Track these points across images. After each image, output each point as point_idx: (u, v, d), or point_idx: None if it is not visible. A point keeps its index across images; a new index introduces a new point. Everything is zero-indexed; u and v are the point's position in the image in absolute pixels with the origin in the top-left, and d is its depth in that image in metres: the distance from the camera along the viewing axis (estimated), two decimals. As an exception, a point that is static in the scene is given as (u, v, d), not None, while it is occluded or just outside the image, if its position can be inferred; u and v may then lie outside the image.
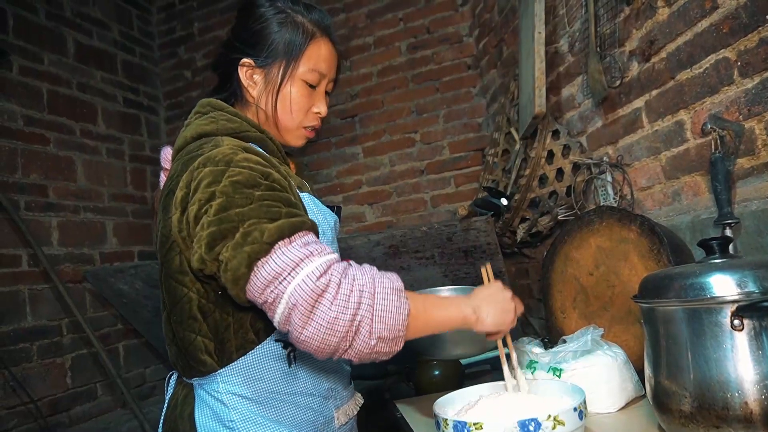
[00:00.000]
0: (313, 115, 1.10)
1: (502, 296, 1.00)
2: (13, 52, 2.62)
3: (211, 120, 0.99)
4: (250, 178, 0.88)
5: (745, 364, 0.79)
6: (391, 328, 0.83)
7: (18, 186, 2.56)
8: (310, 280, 0.81)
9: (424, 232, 1.94)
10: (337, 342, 0.81)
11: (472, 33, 2.95)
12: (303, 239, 0.86)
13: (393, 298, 0.84)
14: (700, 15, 1.23)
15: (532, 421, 0.83)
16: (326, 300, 0.80)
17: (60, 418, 2.52)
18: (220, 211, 0.85)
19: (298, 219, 0.87)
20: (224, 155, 0.90)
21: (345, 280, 0.83)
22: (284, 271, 0.82)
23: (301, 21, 1.05)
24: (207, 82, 3.53)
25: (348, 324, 0.80)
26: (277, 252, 0.83)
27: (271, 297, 0.83)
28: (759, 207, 1.12)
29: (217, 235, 0.84)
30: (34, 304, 2.53)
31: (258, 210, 0.85)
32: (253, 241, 0.83)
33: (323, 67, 1.07)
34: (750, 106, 1.13)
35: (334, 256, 0.86)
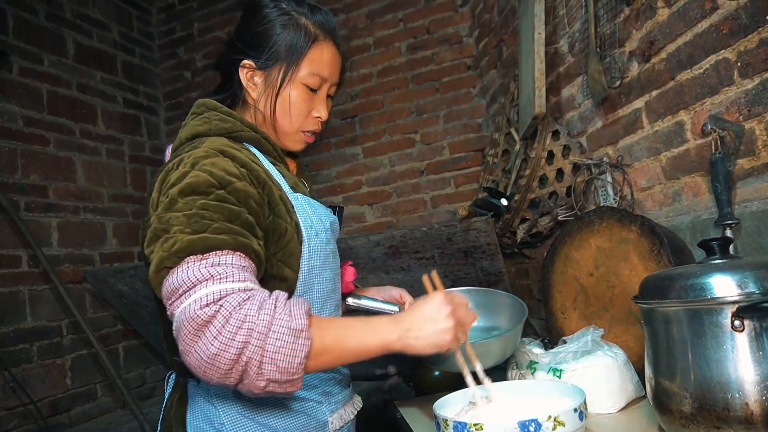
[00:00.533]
0: (313, 120, 1.07)
1: (437, 313, 0.87)
2: (13, 53, 2.62)
3: (205, 120, 0.99)
4: (202, 183, 0.85)
5: (745, 364, 0.79)
6: (283, 371, 0.76)
7: (18, 186, 2.56)
8: (195, 306, 0.76)
9: (424, 233, 1.94)
10: (220, 376, 0.75)
11: (472, 33, 2.95)
12: (216, 259, 0.81)
13: (288, 340, 0.76)
14: (700, 16, 1.23)
15: (532, 422, 0.83)
16: (209, 333, 0.74)
17: (60, 419, 2.52)
18: (162, 211, 0.85)
19: (221, 237, 0.82)
20: (195, 158, 0.89)
21: (235, 315, 0.75)
22: (181, 288, 0.78)
23: (304, 23, 1.03)
24: (207, 82, 3.53)
25: (231, 362, 0.74)
26: (183, 266, 0.80)
27: (169, 311, 0.81)
28: (759, 207, 1.12)
29: (152, 235, 0.84)
30: (34, 305, 2.53)
31: (188, 219, 0.82)
32: (166, 248, 0.81)
33: (325, 71, 1.05)
34: (750, 107, 1.13)
35: (236, 285, 0.79)
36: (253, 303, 0.77)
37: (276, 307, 0.79)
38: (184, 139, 0.99)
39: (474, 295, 1.41)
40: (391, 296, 1.28)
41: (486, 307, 1.39)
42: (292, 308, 0.80)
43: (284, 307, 0.79)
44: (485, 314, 1.38)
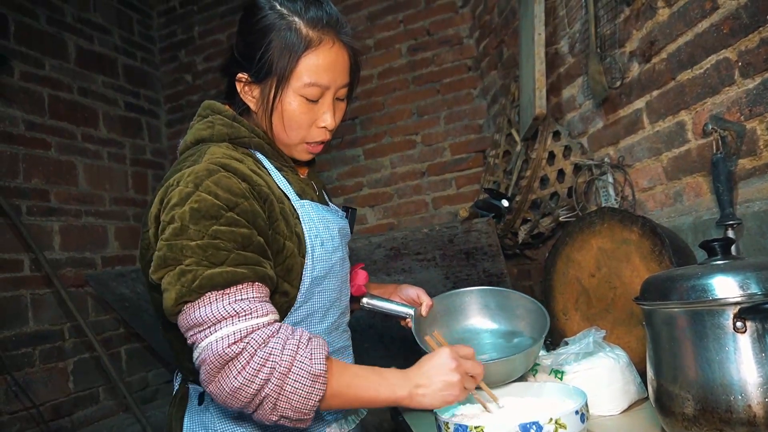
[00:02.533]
0: (318, 130, 0.99)
1: (445, 369, 0.89)
2: (14, 57, 2.63)
3: (209, 125, 0.97)
4: (211, 208, 0.83)
5: (748, 366, 0.78)
6: (296, 410, 0.80)
7: (20, 191, 2.56)
8: (223, 343, 0.79)
9: (425, 234, 1.94)
10: (239, 407, 0.80)
11: (473, 35, 2.95)
12: (237, 295, 0.82)
13: (306, 383, 0.80)
14: (701, 15, 1.22)
15: (533, 425, 0.82)
16: (234, 368, 0.78)
17: (62, 423, 2.52)
18: (172, 236, 0.83)
19: (240, 270, 0.82)
20: (196, 176, 0.86)
21: (260, 353, 0.79)
22: (205, 323, 0.81)
23: (296, 27, 0.93)
24: (208, 85, 3.54)
25: (250, 397, 0.79)
26: (205, 301, 0.81)
27: (191, 340, 0.83)
28: (761, 208, 1.12)
29: (161, 261, 0.84)
30: (36, 309, 2.54)
31: (204, 250, 0.82)
32: (185, 283, 0.81)
33: (323, 78, 0.95)
34: (751, 107, 1.13)
35: (261, 320, 0.82)
36: (278, 341, 0.81)
37: (299, 347, 0.82)
38: (189, 143, 0.98)
39: (492, 294, 1.35)
40: (408, 296, 1.25)
41: (504, 309, 1.33)
42: (313, 351, 0.82)
43: (306, 349, 0.82)
44: (503, 317, 1.32)
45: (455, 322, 1.34)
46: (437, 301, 1.29)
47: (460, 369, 0.90)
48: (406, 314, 1.22)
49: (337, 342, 1.07)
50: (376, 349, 2.19)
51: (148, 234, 0.91)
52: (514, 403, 1.04)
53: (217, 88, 3.50)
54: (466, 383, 0.91)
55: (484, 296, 1.36)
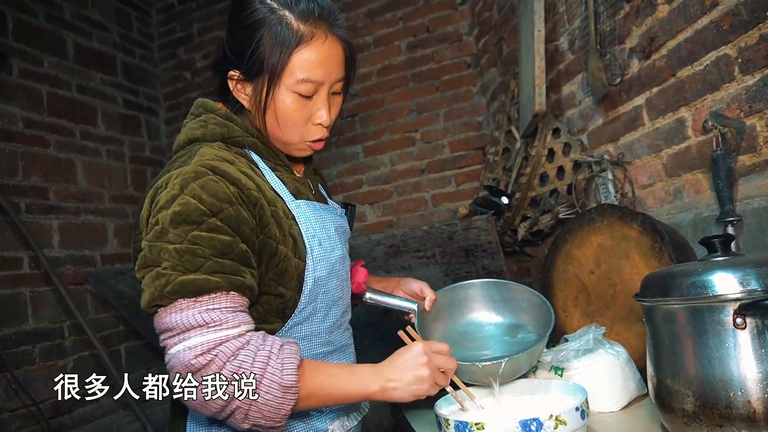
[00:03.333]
0: (314, 128, 0.97)
1: (416, 363, 0.90)
2: (12, 54, 2.62)
3: (201, 124, 0.95)
4: (194, 213, 0.82)
5: (747, 362, 0.78)
6: (268, 419, 0.81)
7: (18, 188, 2.56)
8: (190, 354, 0.78)
9: (425, 232, 1.94)
10: (210, 414, 0.81)
11: (472, 32, 2.95)
12: (209, 304, 0.81)
13: (277, 395, 0.80)
14: (701, 12, 1.22)
15: (534, 421, 0.82)
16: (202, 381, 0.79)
17: (62, 421, 2.52)
18: (153, 238, 0.83)
19: (214, 279, 0.81)
20: (183, 178, 0.84)
21: (228, 366, 0.79)
22: (174, 330, 0.81)
23: (287, 22, 0.89)
24: (207, 83, 3.53)
25: (220, 407, 0.79)
26: (176, 307, 0.81)
27: (162, 344, 0.83)
28: (761, 204, 1.12)
29: (142, 261, 0.84)
30: (36, 307, 2.54)
31: (180, 255, 0.81)
32: (158, 286, 0.81)
33: (317, 73, 0.92)
34: (751, 103, 1.13)
35: (230, 332, 0.81)
36: (248, 353, 0.80)
37: (269, 358, 0.81)
38: (182, 143, 0.96)
39: (495, 288, 1.33)
40: (411, 290, 1.24)
41: (508, 301, 1.31)
42: (284, 361, 0.82)
43: (277, 359, 0.82)
44: (507, 309, 1.30)
45: (459, 316, 1.33)
46: (440, 294, 1.28)
47: (431, 364, 0.91)
48: (409, 309, 1.22)
49: (339, 340, 1.07)
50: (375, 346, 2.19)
51: (140, 236, 0.90)
52: (514, 399, 1.04)
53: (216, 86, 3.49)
54: (437, 378, 0.92)
55: (488, 289, 1.33)
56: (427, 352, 0.92)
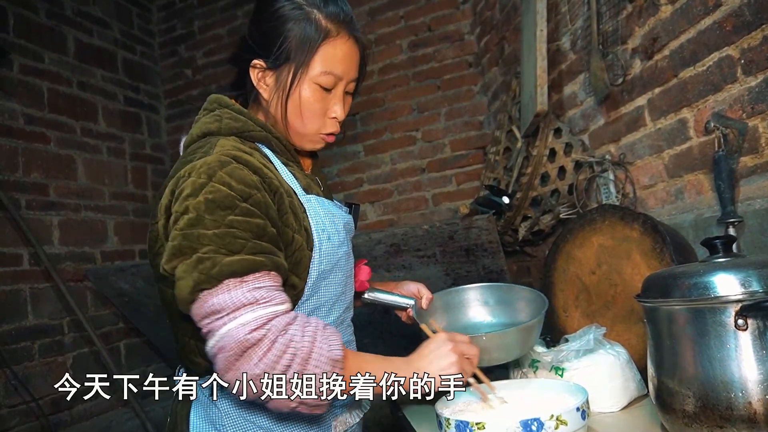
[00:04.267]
0: (330, 121, 1.02)
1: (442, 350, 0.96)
2: (13, 50, 2.62)
3: (216, 118, 0.97)
4: (226, 199, 0.84)
5: (748, 363, 0.78)
6: (316, 396, 0.82)
7: (19, 185, 2.55)
8: (244, 330, 0.79)
9: (426, 231, 1.94)
10: (255, 395, 0.80)
11: (474, 31, 2.94)
12: (255, 282, 0.83)
13: (326, 368, 0.82)
14: (703, 12, 1.22)
15: (534, 421, 0.82)
16: (255, 355, 0.79)
17: (61, 417, 2.52)
18: (187, 226, 0.83)
19: (258, 258, 0.83)
20: (209, 167, 0.86)
21: (281, 339, 0.80)
22: (224, 310, 0.81)
23: (315, 17, 0.96)
24: (208, 80, 3.53)
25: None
26: (223, 288, 0.81)
27: (206, 329, 0.83)
28: (762, 205, 1.12)
29: (176, 250, 0.83)
30: (36, 303, 2.54)
31: (221, 238, 0.82)
32: (203, 270, 0.81)
33: (338, 68, 0.98)
34: (753, 104, 1.13)
35: (280, 308, 0.83)
36: (297, 327, 0.83)
37: (317, 333, 0.84)
38: (195, 137, 0.98)
39: (491, 291, 1.38)
40: (409, 291, 1.28)
41: (505, 303, 1.36)
42: (330, 337, 0.85)
43: (323, 335, 0.85)
44: (504, 310, 1.35)
45: (455, 319, 1.37)
46: (437, 296, 1.32)
47: (456, 349, 0.96)
48: (407, 305, 1.25)
49: (342, 336, 1.07)
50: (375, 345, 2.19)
51: (156, 225, 0.91)
52: (515, 399, 1.04)
53: (217, 83, 3.49)
54: (464, 364, 0.96)
55: (484, 293, 1.39)
56: (451, 339, 0.98)
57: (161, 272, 0.86)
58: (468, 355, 0.98)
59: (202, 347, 0.93)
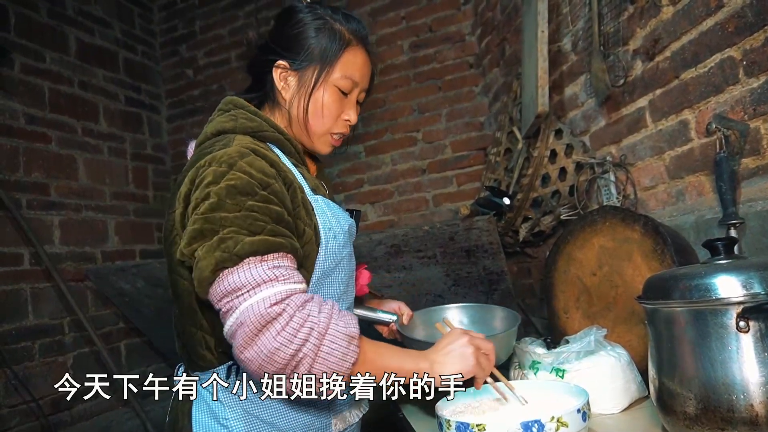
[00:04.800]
0: (342, 122, 1.09)
1: (459, 344, 0.97)
2: (14, 50, 2.62)
3: (231, 118, 1.02)
4: (246, 185, 0.88)
5: (750, 366, 0.78)
6: (331, 372, 0.83)
7: (20, 184, 2.56)
8: (264, 305, 0.81)
9: (426, 232, 1.94)
10: (273, 371, 0.81)
11: (475, 32, 2.94)
12: (275, 261, 0.86)
13: (342, 344, 0.83)
14: (705, 14, 1.22)
15: (535, 423, 0.82)
16: (273, 329, 0.80)
17: (62, 417, 2.52)
18: (208, 211, 0.86)
19: (278, 239, 0.87)
20: (229, 156, 0.91)
21: (299, 314, 0.82)
22: (244, 287, 0.83)
23: (338, 29, 1.05)
24: (209, 80, 3.53)
25: (288, 358, 0.80)
26: (244, 266, 0.84)
27: (226, 307, 0.84)
28: (764, 207, 1.11)
29: (197, 233, 0.86)
30: (36, 303, 2.54)
31: (242, 220, 0.86)
32: (225, 249, 0.83)
33: (357, 75, 1.07)
34: (755, 106, 1.12)
35: (298, 286, 0.86)
36: (315, 304, 0.85)
37: (333, 311, 0.86)
38: (209, 135, 1.01)
39: (469, 310, 1.48)
40: (391, 308, 1.36)
41: (481, 322, 1.44)
42: (346, 317, 0.87)
43: (339, 314, 0.86)
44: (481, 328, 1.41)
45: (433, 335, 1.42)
46: (417, 314, 1.42)
47: (473, 342, 0.98)
48: (389, 320, 1.34)
49: None
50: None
51: (174, 215, 0.93)
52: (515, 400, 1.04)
53: (219, 83, 3.49)
54: (481, 359, 0.97)
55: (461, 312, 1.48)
56: (467, 333, 1.00)
57: (179, 258, 0.89)
58: (484, 350, 0.99)
59: (211, 339, 0.96)
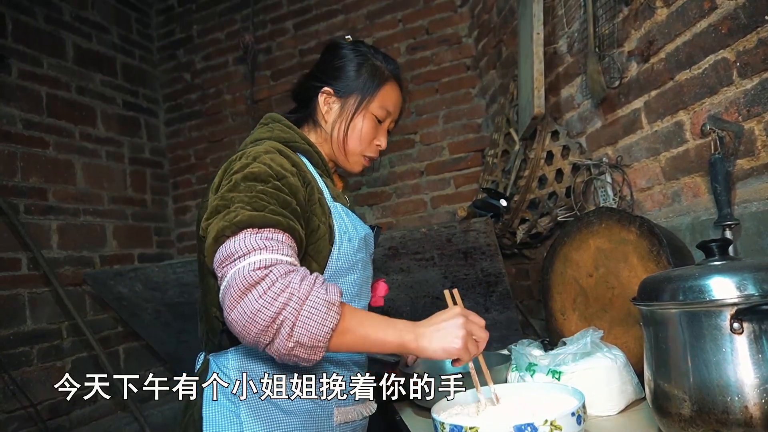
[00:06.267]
0: (374, 147, 1.24)
1: (452, 323, 0.95)
2: (12, 55, 2.62)
3: (268, 130, 1.15)
4: (262, 173, 0.98)
5: (744, 367, 0.78)
6: (312, 336, 0.85)
7: (17, 189, 2.56)
8: (249, 268, 0.86)
9: (424, 234, 1.94)
10: (257, 333, 0.84)
11: (471, 34, 2.95)
12: (270, 234, 0.92)
13: (322, 309, 0.86)
14: (699, 15, 1.22)
15: (528, 426, 0.82)
16: (256, 292, 0.85)
17: (60, 422, 2.52)
18: (225, 191, 0.97)
19: (277, 217, 0.93)
20: (256, 152, 1.02)
21: (281, 280, 0.86)
22: (236, 253, 0.89)
23: (380, 66, 1.21)
24: (206, 84, 3.53)
25: (269, 320, 0.83)
26: (241, 236, 0.91)
27: (221, 273, 0.90)
28: (759, 208, 1.12)
29: (213, 210, 0.96)
30: (34, 308, 2.53)
31: (249, 198, 0.94)
32: (227, 219, 0.92)
33: (391, 107, 1.22)
34: (749, 107, 1.13)
35: (285, 258, 0.90)
36: (297, 274, 0.88)
37: (315, 282, 0.89)
38: (248, 143, 1.13)
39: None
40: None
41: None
42: (329, 287, 0.90)
43: (322, 284, 0.90)
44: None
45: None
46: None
47: (467, 325, 0.95)
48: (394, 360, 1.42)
49: None
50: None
51: (207, 203, 1.03)
52: (510, 402, 1.04)
53: (216, 87, 3.50)
54: (470, 344, 0.95)
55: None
56: (465, 315, 0.97)
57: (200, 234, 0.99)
58: (477, 336, 0.97)
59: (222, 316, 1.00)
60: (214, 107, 3.51)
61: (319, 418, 1.05)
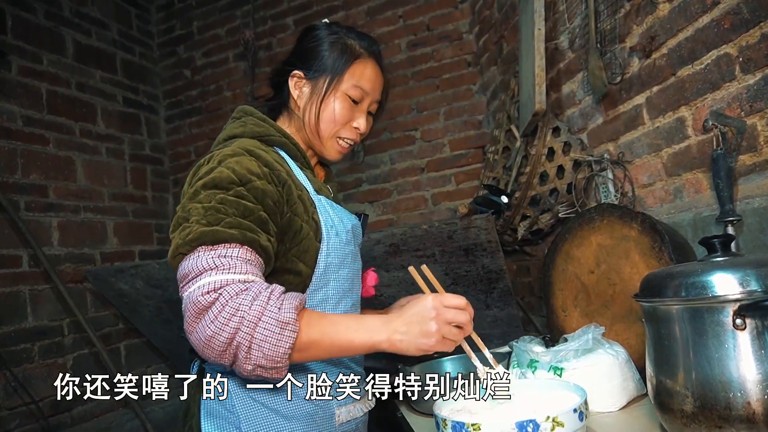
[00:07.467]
0: (351, 129, 1.15)
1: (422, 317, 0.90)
2: (12, 52, 2.61)
3: (241, 124, 1.09)
4: (224, 180, 0.94)
5: (747, 363, 0.78)
6: (269, 358, 0.84)
7: (18, 186, 2.55)
8: (199, 292, 0.85)
9: (425, 231, 1.94)
10: (216, 356, 0.84)
11: (472, 30, 2.94)
12: (224, 250, 0.89)
13: (275, 331, 0.84)
14: (701, 10, 1.22)
15: (530, 423, 0.82)
16: (207, 318, 0.84)
17: (62, 419, 2.52)
18: (186, 201, 0.95)
19: (231, 231, 0.90)
20: (222, 155, 0.97)
21: (230, 304, 0.84)
22: (190, 274, 0.88)
23: (350, 43, 1.13)
24: (207, 80, 3.52)
25: (224, 345, 0.83)
26: (195, 254, 0.89)
27: (180, 292, 0.90)
28: (761, 204, 1.11)
29: (175, 223, 0.95)
30: (35, 305, 2.53)
31: (205, 212, 0.91)
32: (183, 236, 0.90)
33: (366, 85, 1.14)
34: (752, 102, 1.12)
35: (237, 277, 0.87)
36: (248, 295, 0.85)
37: (269, 299, 0.86)
38: (221, 140, 1.08)
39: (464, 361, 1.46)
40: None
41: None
42: (284, 302, 0.86)
43: (276, 300, 0.86)
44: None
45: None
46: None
47: (439, 318, 0.89)
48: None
49: None
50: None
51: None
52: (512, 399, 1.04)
53: (216, 83, 3.49)
54: (446, 333, 0.90)
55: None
56: (437, 306, 0.90)
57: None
58: (456, 321, 0.91)
59: None
60: (214, 104, 3.51)
61: (321, 420, 1.03)
